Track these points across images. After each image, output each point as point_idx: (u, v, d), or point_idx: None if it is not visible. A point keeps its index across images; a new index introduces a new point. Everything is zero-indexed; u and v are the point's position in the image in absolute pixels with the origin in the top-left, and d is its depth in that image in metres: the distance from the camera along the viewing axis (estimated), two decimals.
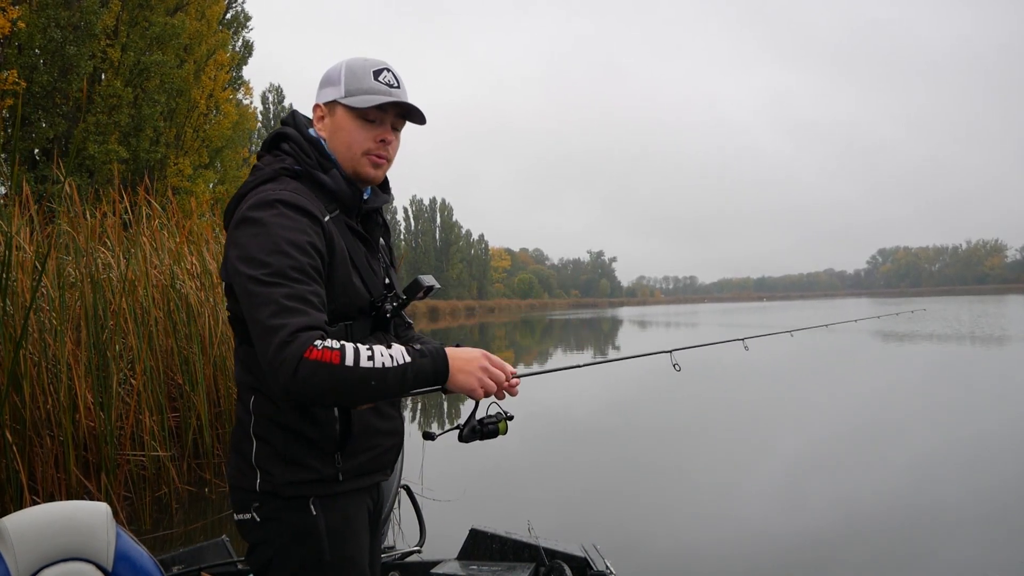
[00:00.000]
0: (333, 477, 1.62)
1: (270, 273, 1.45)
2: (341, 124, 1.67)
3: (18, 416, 4.40)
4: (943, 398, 10.67)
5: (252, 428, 1.62)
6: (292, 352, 1.39)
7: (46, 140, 17.05)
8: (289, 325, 1.41)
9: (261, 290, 1.45)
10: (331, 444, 1.62)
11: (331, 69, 1.71)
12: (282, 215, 1.52)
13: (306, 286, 1.48)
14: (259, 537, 1.62)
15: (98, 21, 17.09)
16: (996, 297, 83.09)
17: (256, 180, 1.63)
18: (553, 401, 10.69)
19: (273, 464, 1.59)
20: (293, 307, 1.44)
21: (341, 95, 1.66)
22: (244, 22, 28.14)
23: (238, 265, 1.50)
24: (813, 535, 4.82)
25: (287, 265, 1.47)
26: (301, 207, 1.55)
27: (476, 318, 62.15)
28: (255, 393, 1.62)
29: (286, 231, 1.50)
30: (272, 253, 1.47)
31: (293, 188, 1.59)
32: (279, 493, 1.59)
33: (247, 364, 1.63)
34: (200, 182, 22.06)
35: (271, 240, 1.49)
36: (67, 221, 5.89)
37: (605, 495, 5.97)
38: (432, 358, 1.50)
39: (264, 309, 1.43)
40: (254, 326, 1.45)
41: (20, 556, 1.65)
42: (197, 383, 5.85)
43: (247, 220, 1.53)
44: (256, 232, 1.50)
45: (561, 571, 2.69)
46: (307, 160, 1.66)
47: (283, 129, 1.73)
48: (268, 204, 1.53)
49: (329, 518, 1.60)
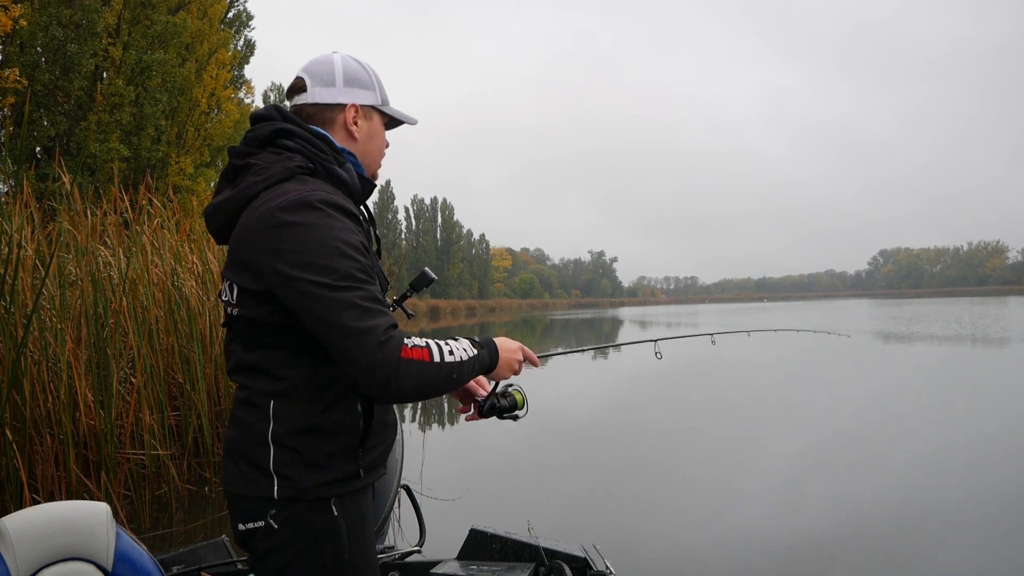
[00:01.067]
0: (354, 474, 1.60)
1: (339, 277, 1.44)
2: (378, 130, 1.77)
3: (18, 414, 4.40)
4: (943, 399, 10.66)
5: (271, 434, 1.55)
6: (391, 352, 1.44)
7: (47, 138, 17.06)
8: (379, 325, 1.44)
9: (335, 296, 1.43)
10: (354, 440, 1.61)
11: (353, 67, 1.73)
12: (329, 216, 1.49)
13: (374, 286, 1.51)
14: (274, 544, 1.55)
15: (100, 19, 17.11)
16: (997, 299, 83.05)
17: (266, 180, 1.56)
18: (553, 401, 10.69)
19: (295, 469, 1.54)
20: (374, 308, 1.46)
21: (379, 102, 1.75)
22: (246, 21, 28.21)
23: (293, 271, 1.45)
24: (813, 535, 4.82)
25: (353, 268, 1.47)
26: (344, 207, 1.53)
27: (477, 317, 62.15)
28: (276, 398, 1.56)
29: (340, 232, 1.49)
30: (334, 256, 1.46)
31: (325, 188, 1.56)
32: (302, 497, 1.54)
33: (266, 369, 1.57)
34: (201, 181, 22.09)
35: (328, 244, 1.46)
36: (68, 220, 5.89)
37: (605, 495, 5.97)
38: (488, 350, 1.69)
39: (346, 314, 1.43)
40: (333, 331, 1.44)
41: (20, 556, 1.64)
42: (198, 382, 5.85)
43: (287, 224, 1.46)
44: (305, 236, 1.46)
45: (561, 571, 2.69)
46: (321, 156, 1.62)
47: (283, 125, 1.64)
48: (310, 205, 1.48)
49: (348, 516, 1.59)
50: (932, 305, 56.73)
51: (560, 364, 17.90)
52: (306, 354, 1.55)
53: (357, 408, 1.62)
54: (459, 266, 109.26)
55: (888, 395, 11.28)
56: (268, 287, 1.51)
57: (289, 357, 1.57)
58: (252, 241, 1.52)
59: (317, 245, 1.46)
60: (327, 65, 1.71)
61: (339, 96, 1.70)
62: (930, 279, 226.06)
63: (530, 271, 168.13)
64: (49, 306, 5.02)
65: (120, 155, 17.44)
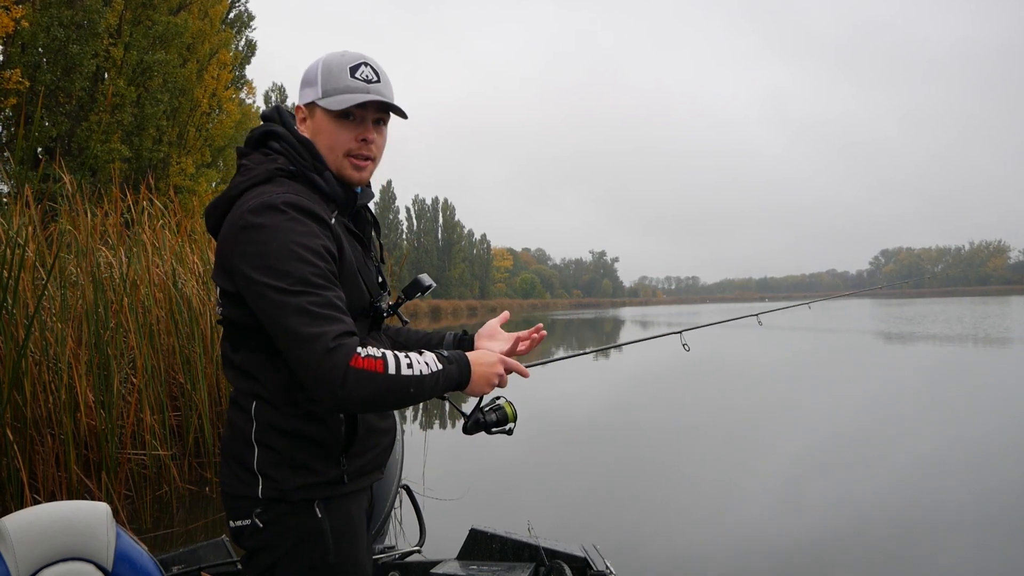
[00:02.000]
0: (339, 479, 1.61)
1: (294, 281, 1.42)
2: (321, 126, 1.63)
3: (19, 415, 4.40)
4: (944, 399, 10.65)
5: (254, 435, 1.57)
6: (338, 361, 1.39)
7: (49, 139, 17.08)
8: (328, 332, 1.40)
9: (288, 300, 1.42)
10: (336, 447, 1.60)
11: (309, 67, 1.65)
12: (293, 219, 1.47)
13: (331, 292, 1.47)
14: (261, 543, 1.58)
15: (101, 20, 17.11)
16: (999, 298, 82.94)
17: (248, 181, 1.57)
18: (553, 401, 10.69)
19: (277, 470, 1.56)
20: (327, 314, 1.43)
21: (319, 96, 1.61)
22: (247, 21, 28.22)
23: (253, 274, 1.45)
24: (813, 536, 4.82)
25: (309, 272, 1.44)
26: (309, 210, 1.51)
27: (478, 318, 62.14)
28: (256, 399, 1.58)
29: (300, 236, 1.46)
30: (291, 260, 1.44)
31: (296, 190, 1.54)
32: (285, 498, 1.56)
33: (247, 370, 1.59)
34: (203, 181, 22.11)
35: (287, 247, 1.45)
36: (69, 220, 5.89)
37: (605, 495, 5.97)
38: (458, 365, 1.57)
39: (296, 319, 1.41)
40: (286, 337, 1.43)
41: (20, 556, 1.65)
42: (199, 382, 5.86)
43: (253, 226, 1.47)
44: (266, 239, 1.46)
45: (561, 571, 2.69)
46: (302, 161, 1.62)
47: (272, 127, 1.66)
48: (275, 208, 1.48)
49: (334, 519, 1.59)
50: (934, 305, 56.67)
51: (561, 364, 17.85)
52: (282, 357, 1.53)
53: (339, 415, 1.61)
54: (460, 266, 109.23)
55: (889, 395, 11.27)
56: (238, 289, 1.52)
57: (267, 360, 1.57)
58: (226, 243, 1.54)
59: (276, 248, 1.45)
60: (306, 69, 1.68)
61: (297, 100, 1.69)
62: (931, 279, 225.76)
63: (531, 271, 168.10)
64: (50, 307, 5.02)
65: (122, 155, 17.45)
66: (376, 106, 1.64)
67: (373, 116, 1.65)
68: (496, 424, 1.76)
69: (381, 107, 1.65)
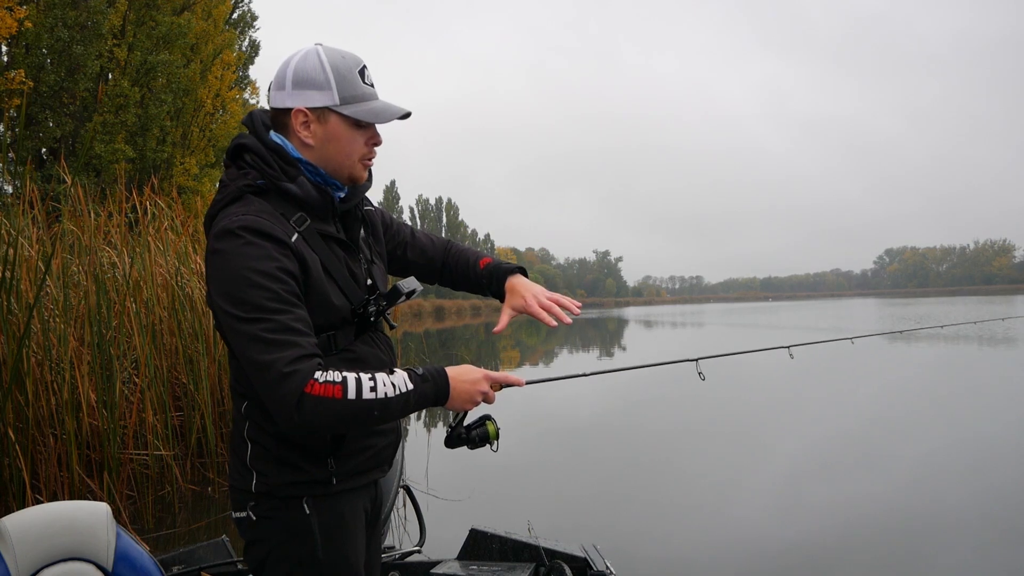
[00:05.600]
0: (327, 479, 1.62)
1: (249, 309, 1.43)
2: (337, 133, 1.60)
3: (21, 415, 4.41)
4: (945, 400, 10.63)
5: (246, 431, 1.63)
6: (292, 388, 1.39)
7: (53, 139, 17.12)
8: (280, 359, 1.40)
9: (244, 328, 1.43)
10: (323, 449, 1.62)
11: (308, 67, 1.58)
12: (247, 243, 1.47)
13: (288, 315, 1.45)
14: (255, 535, 1.63)
15: (105, 21, 17.12)
16: (1004, 297, 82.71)
17: (222, 200, 1.59)
18: (553, 402, 10.68)
19: (267, 466, 1.60)
20: (280, 340, 1.42)
21: (335, 102, 1.57)
22: (251, 21, 28.26)
23: (217, 300, 1.49)
24: (813, 536, 4.81)
25: (263, 298, 1.44)
26: (264, 232, 1.49)
27: (482, 317, 62.15)
28: (246, 400, 1.62)
29: (253, 261, 1.46)
30: (244, 288, 1.44)
31: (256, 210, 1.53)
32: (274, 493, 1.60)
33: (237, 372, 1.64)
34: (206, 181, 22.09)
35: (240, 274, 1.45)
36: (72, 220, 5.91)
37: (605, 495, 5.97)
38: (434, 382, 1.53)
39: (251, 346, 1.42)
40: (245, 363, 1.46)
41: (20, 556, 1.65)
42: (201, 382, 5.87)
43: (214, 252, 1.51)
44: (223, 266, 1.48)
45: (561, 571, 2.69)
46: (270, 172, 1.59)
47: (242, 139, 1.65)
48: (230, 234, 1.49)
49: (323, 517, 1.61)
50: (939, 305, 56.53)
51: (563, 364, 17.89)
52: None
53: None
54: None
55: (889, 395, 11.25)
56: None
57: None
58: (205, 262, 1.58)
59: (231, 275, 1.47)
60: (284, 65, 1.61)
61: (287, 100, 1.60)
62: (936, 278, 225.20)
63: (535, 271, 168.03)
64: (52, 306, 5.03)
65: (125, 156, 17.48)
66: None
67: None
68: (475, 442, 1.72)
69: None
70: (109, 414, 4.85)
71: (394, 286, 1.75)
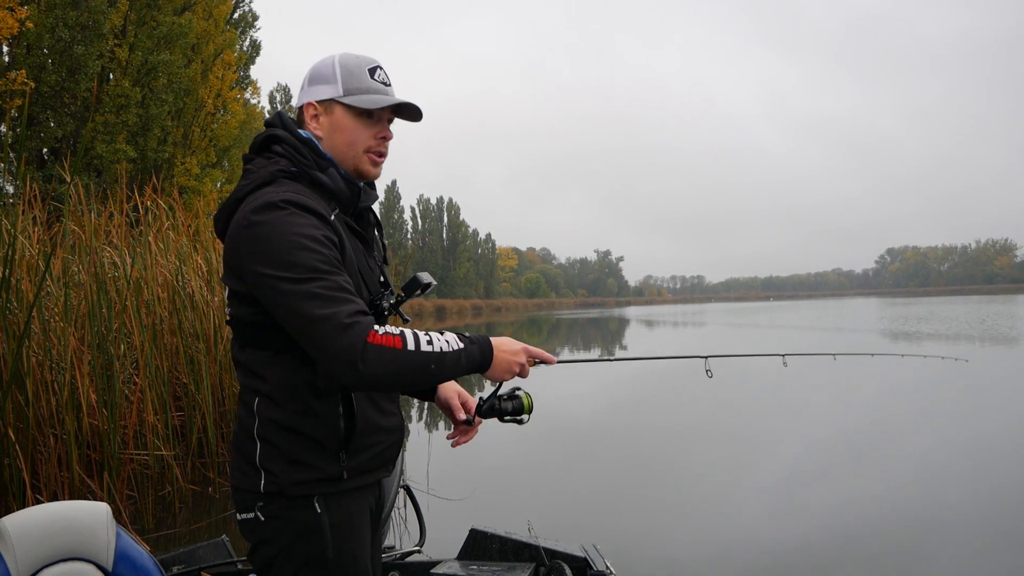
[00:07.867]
0: (338, 476, 1.63)
1: (302, 270, 1.46)
2: (341, 123, 1.68)
3: (21, 414, 4.41)
4: (946, 400, 10.62)
5: (256, 430, 1.62)
6: (355, 336, 1.42)
7: (54, 140, 17.13)
8: (341, 311, 1.44)
9: (298, 288, 1.45)
10: (335, 443, 1.63)
11: (320, 66, 1.70)
12: (293, 214, 1.52)
13: (340, 276, 1.50)
14: (262, 536, 1.62)
15: (106, 21, 17.12)
16: (1005, 296, 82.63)
17: (252, 184, 1.61)
18: (554, 401, 10.68)
19: (277, 465, 1.60)
20: (338, 296, 1.46)
21: (339, 94, 1.67)
22: (251, 22, 28.28)
23: (261, 269, 1.49)
24: (813, 537, 4.81)
25: (315, 259, 1.48)
26: (308, 206, 1.55)
27: (483, 317, 62.19)
28: (259, 396, 1.62)
29: (301, 228, 1.50)
30: (296, 251, 1.47)
31: (296, 189, 1.59)
32: (284, 493, 1.60)
33: (252, 367, 1.64)
34: (207, 181, 22.11)
35: (290, 239, 1.48)
36: (73, 220, 5.91)
37: (605, 495, 5.97)
38: (480, 346, 1.60)
39: (308, 303, 1.44)
40: (300, 322, 1.46)
41: (20, 556, 1.66)
42: (202, 382, 5.87)
43: (255, 224, 1.51)
44: (270, 234, 1.50)
45: (561, 571, 2.69)
46: (303, 161, 1.65)
47: (273, 131, 1.70)
48: (274, 206, 1.52)
49: (333, 515, 1.62)
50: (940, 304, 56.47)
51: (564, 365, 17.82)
52: (286, 355, 1.59)
53: (338, 411, 1.64)
54: (465, 266, 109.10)
55: (889, 395, 11.24)
56: (248, 288, 1.56)
57: (271, 357, 1.61)
58: (233, 243, 1.57)
59: (280, 242, 1.49)
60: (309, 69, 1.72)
61: (303, 97, 1.72)
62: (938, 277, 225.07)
63: (536, 271, 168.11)
64: (53, 306, 5.04)
65: (127, 156, 17.49)
66: (393, 108, 1.73)
67: (388, 116, 1.74)
68: (511, 413, 1.76)
69: (396, 109, 1.73)
70: (109, 414, 4.85)
71: (413, 277, 1.79)
